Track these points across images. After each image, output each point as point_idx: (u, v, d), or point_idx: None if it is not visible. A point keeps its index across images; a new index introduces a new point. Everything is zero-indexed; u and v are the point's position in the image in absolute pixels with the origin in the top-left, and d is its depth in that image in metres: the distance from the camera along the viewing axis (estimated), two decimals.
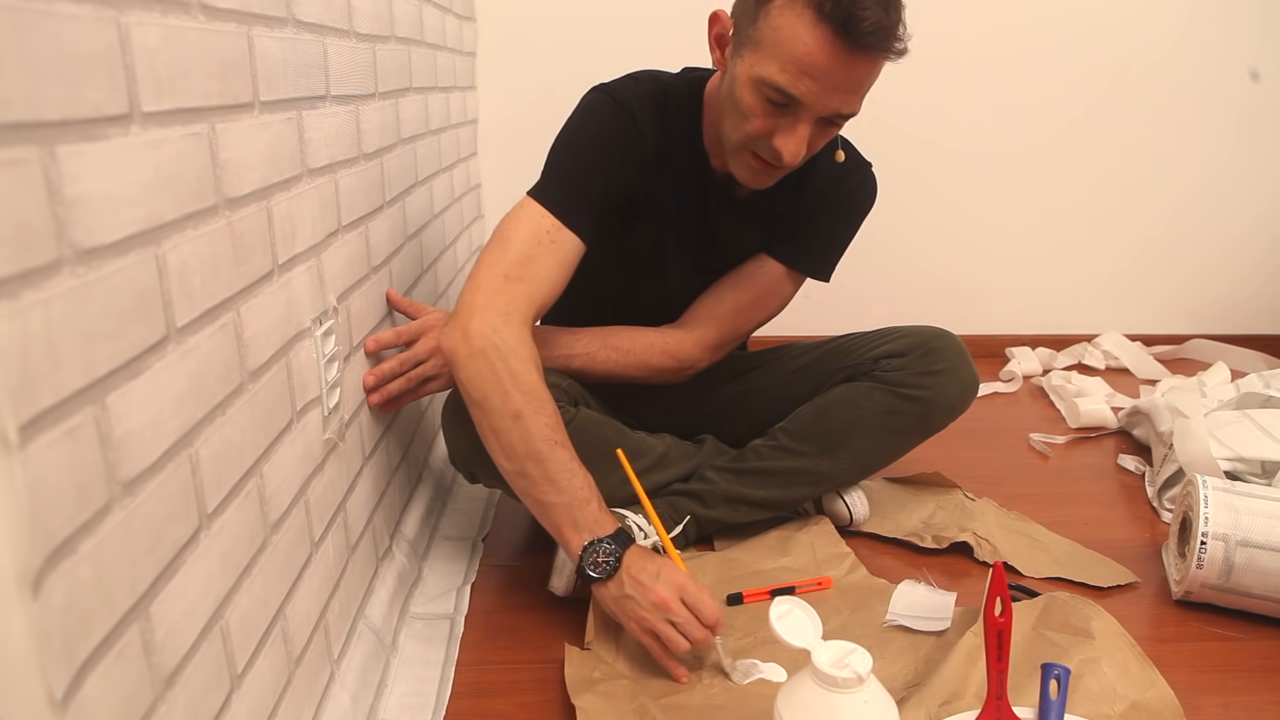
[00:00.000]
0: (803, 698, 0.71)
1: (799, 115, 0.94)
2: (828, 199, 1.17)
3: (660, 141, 1.08)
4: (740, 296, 1.18)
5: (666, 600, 0.90)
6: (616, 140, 1.06)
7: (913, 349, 1.17)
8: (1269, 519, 1.04)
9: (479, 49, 1.87)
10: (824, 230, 1.19)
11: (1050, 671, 0.83)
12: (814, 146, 0.99)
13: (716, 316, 1.18)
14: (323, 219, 0.84)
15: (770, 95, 0.93)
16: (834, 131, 0.99)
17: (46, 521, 0.42)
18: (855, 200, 1.19)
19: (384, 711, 0.90)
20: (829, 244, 1.20)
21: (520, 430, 0.92)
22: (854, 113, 0.96)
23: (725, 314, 1.18)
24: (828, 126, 0.97)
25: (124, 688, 0.49)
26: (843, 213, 1.19)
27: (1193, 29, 1.96)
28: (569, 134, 1.08)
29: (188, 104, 0.57)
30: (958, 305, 2.10)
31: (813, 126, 0.96)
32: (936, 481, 1.38)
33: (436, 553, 1.21)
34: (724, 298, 1.18)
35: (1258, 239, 2.12)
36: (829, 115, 0.94)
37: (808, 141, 0.97)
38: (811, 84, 0.91)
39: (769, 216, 1.17)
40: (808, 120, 0.94)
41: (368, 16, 1.03)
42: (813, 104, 0.92)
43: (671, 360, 1.18)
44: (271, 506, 0.71)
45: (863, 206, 1.20)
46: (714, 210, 1.15)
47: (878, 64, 0.93)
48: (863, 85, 0.94)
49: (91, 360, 0.46)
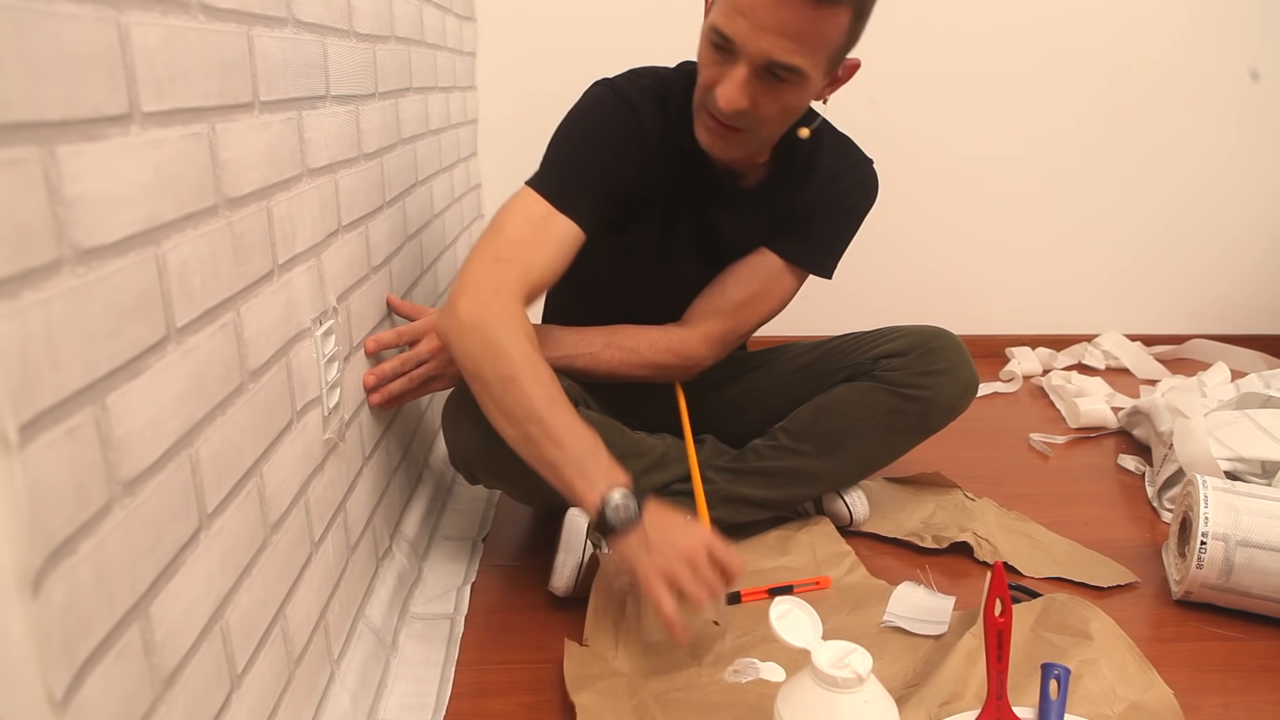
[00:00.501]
0: (803, 698, 0.71)
1: (737, 60, 0.94)
2: (828, 195, 1.17)
3: (660, 134, 1.09)
4: (742, 291, 1.18)
5: (694, 550, 0.88)
6: (616, 132, 1.07)
7: (912, 349, 1.17)
8: (1269, 519, 1.04)
9: (479, 49, 1.87)
10: (825, 226, 1.19)
11: (1050, 671, 0.83)
12: (761, 105, 0.97)
13: (719, 312, 1.18)
14: (323, 219, 0.84)
15: (713, 40, 0.94)
16: (782, 91, 0.96)
17: (46, 521, 0.42)
18: (856, 196, 1.19)
19: (384, 711, 0.90)
20: (829, 240, 1.20)
21: (515, 393, 0.91)
22: (793, 65, 0.93)
23: (728, 309, 1.18)
24: (773, 82, 0.95)
25: (124, 688, 0.49)
26: (843, 209, 1.19)
27: (1193, 29, 1.96)
28: (569, 125, 1.09)
29: (188, 104, 0.57)
30: (958, 305, 2.10)
31: (754, 77, 0.94)
32: (936, 481, 1.38)
33: (436, 553, 1.21)
34: (726, 293, 1.18)
35: (1258, 239, 2.13)
36: (764, 61, 0.92)
37: (750, 95, 0.95)
38: (743, 22, 0.91)
39: (774, 210, 1.17)
40: (746, 66, 0.93)
41: (368, 16, 1.03)
42: (744, 43, 0.92)
43: (676, 358, 1.17)
44: (271, 506, 0.71)
45: (863, 203, 1.20)
46: (716, 203, 1.15)
47: (817, 13, 0.90)
48: (798, 32, 0.91)
49: (91, 360, 0.46)
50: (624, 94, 1.08)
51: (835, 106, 1.25)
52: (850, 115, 1.22)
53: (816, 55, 0.94)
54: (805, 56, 0.93)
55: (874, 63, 1.91)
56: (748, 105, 0.96)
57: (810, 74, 0.95)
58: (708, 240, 1.17)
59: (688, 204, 1.14)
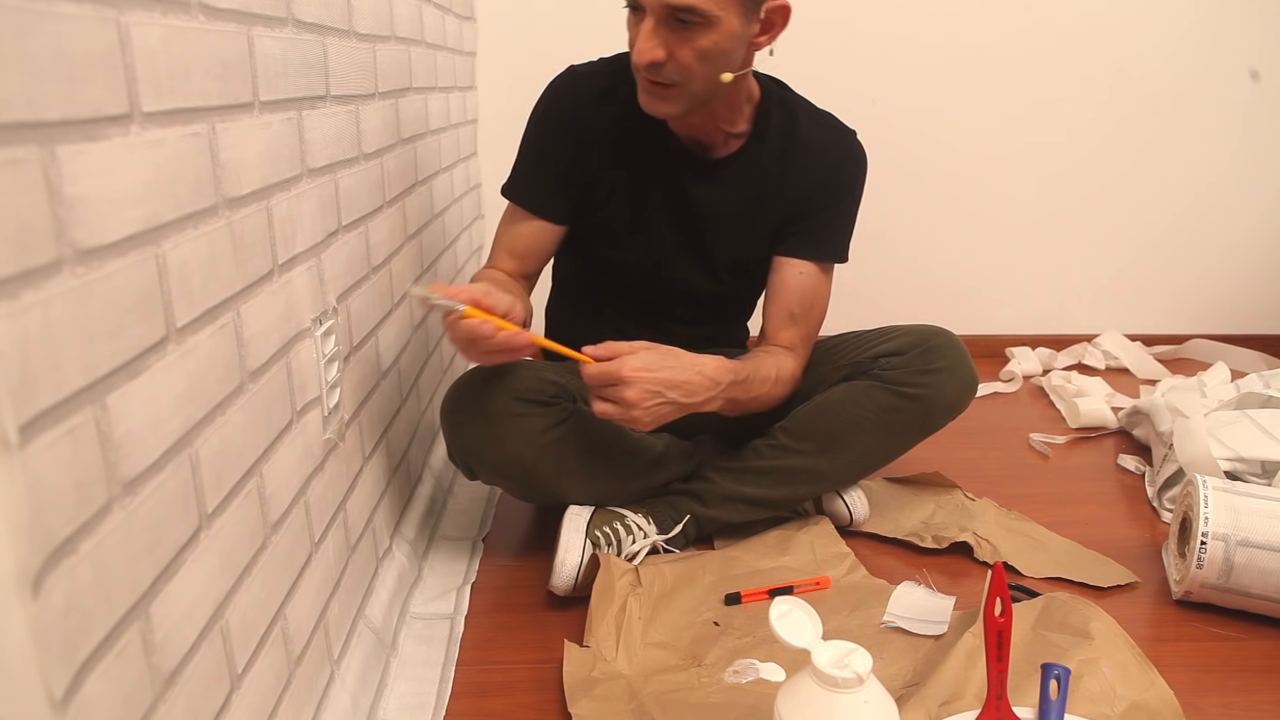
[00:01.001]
0: (803, 698, 0.71)
1: (644, 14, 0.98)
2: (827, 185, 1.18)
3: (615, 113, 1.12)
4: (803, 302, 1.19)
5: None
6: (563, 113, 1.14)
7: (912, 347, 1.17)
8: (1269, 519, 1.04)
9: (479, 49, 1.87)
10: (835, 216, 1.20)
11: (1050, 671, 0.83)
12: (677, 54, 0.99)
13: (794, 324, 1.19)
14: (323, 219, 0.84)
15: (626, 3, 0.99)
16: (694, 35, 0.98)
17: (46, 521, 0.42)
18: (853, 178, 1.21)
19: (384, 711, 0.90)
20: (843, 226, 1.22)
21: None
22: (689, 6, 0.95)
23: (800, 319, 1.19)
24: (680, 27, 0.97)
25: (124, 688, 0.49)
26: (846, 194, 1.20)
27: (1193, 30, 1.96)
28: (528, 123, 1.18)
29: (188, 104, 0.57)
30: (958, 305, 2.10)
31: (661, 26, 0.98)
32: (936, 481, 1.38)
33: (436, 553, 1.21)
34: (792, 308, 1.19)
35: (1258, 239, 2.12)
36: (663, 9, 0.96)
37: (663, 44, 0.98)
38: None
39: (749, 182, 1.17)
40: (652, 18, 0.97)
41: (368, 16, 1.03)
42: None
43: (792, 386, 1.19)
44: (271, 506, 0.71)
45: (860, 178, 1.21)
46: (688, 176, 1.17)
47: None
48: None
49: (91, 360, 0.46)
50: (574, 79, 1.15)
51: (835, 105, 1.25)
52: (850, 115, 1.22)
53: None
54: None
55: (875, 62, 1.93)
56: (663, 55, 0.99)
57: (718, 15, 0.97)
58: (685, 214, 1.19)
59: (655, 178, 1.17)
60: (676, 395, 1.01)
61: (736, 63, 1.05)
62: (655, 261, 1.23)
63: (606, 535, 1.11)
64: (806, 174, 1.17)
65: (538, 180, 1.17)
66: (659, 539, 1.15)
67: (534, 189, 1.18)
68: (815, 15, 1.86)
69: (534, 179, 1.18)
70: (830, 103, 1.24)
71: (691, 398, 1.02)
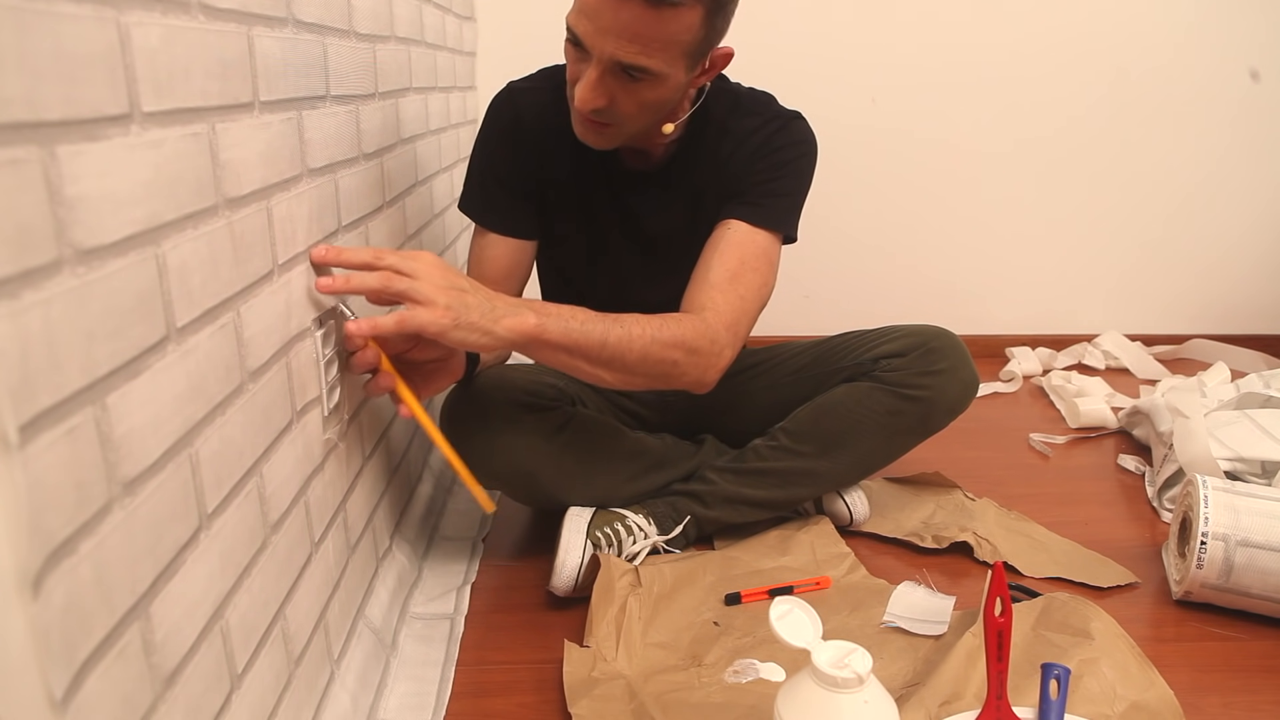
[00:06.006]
0: (803, 698, 0.71)
1: (590, 59, 0.95)
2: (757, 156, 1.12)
3: (552, 127, 1.11)
4: (725, 263, 1.08)
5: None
6: (501, 128, 1.13)
7: (913, 349, 1.17)
8: (1269, 519, 1.04)
9: (479, 49, 1.87)
10: (765, 184, 1.12)
11: (1050, 671, 0.83)
12: (620, 102, 0.97)
13: (714, 285, 1.06)
14: (323, 219, 0.84)
15: (568, 37, 0.96)
16: (638, 90, 0.96)
17: (46, 521, 0.42)
18: (786, 151, 1.13)
19: (384, 711, 0.90)
20: (777, 197, 1.13)
21: None
22: (640, 66, 0.93)
23: (721, 281, 1.06)
24: (628, 80, 0.96)
25: (124, 688, 0.49)
26: (777, 164, 1.13)
27: (1193, 29, 1.96)
28: (475, 142, 1.17)
29: (188, 104, 0.57)
30: (958, 305, 2.10)
31: (607, 75, 0.95)
32: (936, 481, 1.38)
33: (436, 553, 1.21)
34: (711, 269, 1.08)
35: (1258, 239, 2.13)
36: (613, 61, 0.93)
37: (607, 92, 0.96)
38: (588, 23, 0.92)
39: (688, 186, 1.15)
40: (597, 66, 0.95)
41: (368, 16, 1.02)
42: (593, 45, 0.93)
43: (702, 339, 1.02)
44: (271, 506, 0.71)
45: (798, 155, 1.14)
46: (624, 187, 1.15)
47: (657, 16, 0.90)
48: (640, 34, 0.91)
49: (91, 360, 0.46)
50: (512, 95, 1.14)
51: (835, 106, 1.25)
52: (850, 115, 1.22)
53: (668, 54, 0.94)
54: (653, 58, 0.93)
55: (874, 62, 1.93)
56: (605, 103, 0.97)
57: (665, 72, 0.95)
58: (631, 224, 1.18)
59: (596, 189, 1.16)
60: (473, 296, 0.88)
61: (677, 108, 1.05)
62: (625, 286, 1.21)
63: (607, 536, 1.11)
64: (736, 156, 1.13)
65: (495, 199, 1.14)
66: (659, 539, 1.15)
67: (494, 209, 1.15)
68: (815, 15, 1.87)
69: (492, 199, 1.15)
70: (830, 103, 1.24)
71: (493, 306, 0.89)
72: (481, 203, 1.16)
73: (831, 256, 2.03)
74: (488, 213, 1.16)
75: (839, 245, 2.03)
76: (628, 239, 1.19)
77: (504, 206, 1.15)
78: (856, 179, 1.97)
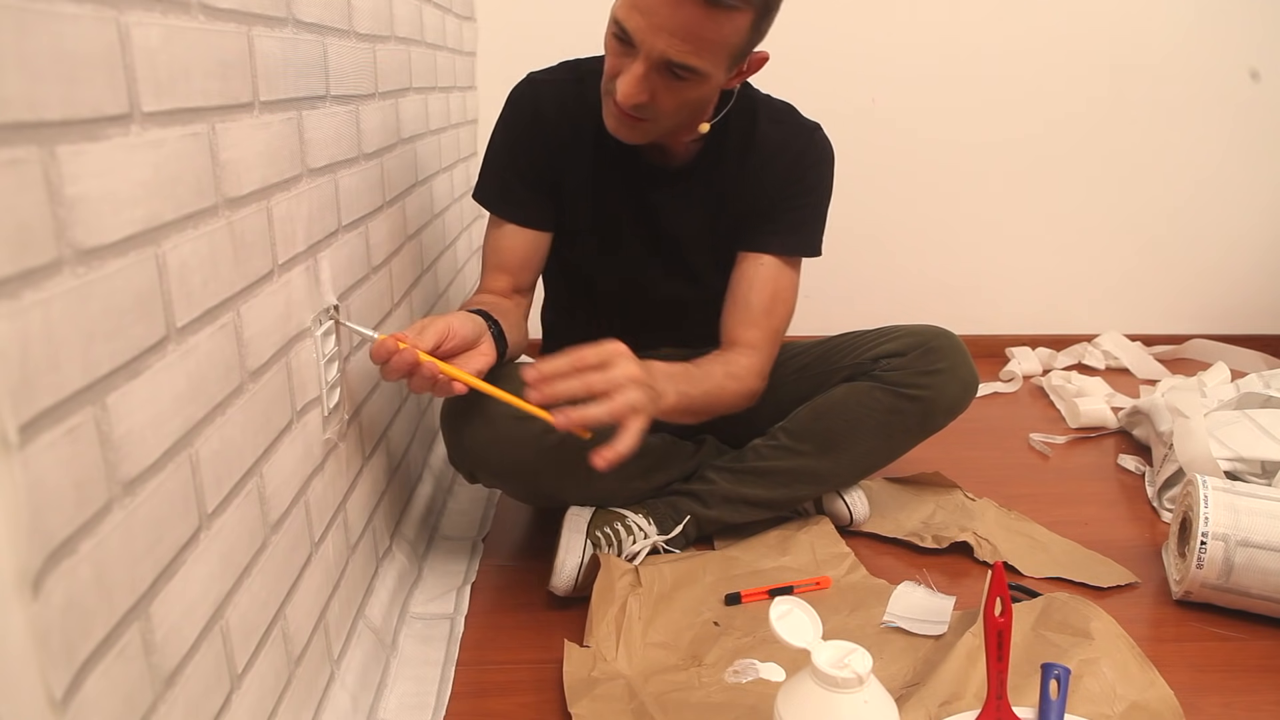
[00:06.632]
0: (803, 698, 0.71)
1: (636, 55, 0.95)
2: (787, 179, 1.15)
3: (574, 120, 1.11)
4: (760, 297, 1.15)
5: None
6: (520, 119, 1.14)
7: (912, 348, 1.17)
8: (1269, 519, 1.04)
9: (479, 49, 1.87)
10: (798, 210, 1.16)
11: (1050, 671, 0.83)
12: (660, 99, 0.98)
13: (752, 321, 1.14)
14: (322, 219, 0.84)
15: (615, 31, 0.96)
16: (684, 89, 0.97)
17: (46, 521, 0.42)
18: (815, 171, 1.16)
19: (384, 711, 0.90)
20: (809, 221, 1.17)
21: None
22: (689, 65, 0.93)
23: (759, 317, 1.14)
24: (672, 79, 0.96)
25: (124, 688, 0.49)
26: (808, 188, 1.16)
27: (1193, 29, 1.96)
28: (494, 131, 1.17)
29: (188, 104, 0.57)
30: (958, 305, 2.10)
31: (652, 73, 0.95)
32: (936, 481, 1.38)
33: (436, 553, 1.21)
34: (749, 303, 1.15)
35: (1258, 239, 2.13)
36: (662, 59, 0.93)
37: (649, 89, 0.96)
38: (640, 19, 0.92)
39: (710, 188, 1.16)
40: (644, 62, 0.94)
41: (368, 16, 1.03)
42: (642, 40, 0.93)
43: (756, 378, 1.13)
44: (271, 506, 0.71)
45: (825, 173, 1.17)
46: (648, 185, 1.16)
47: (712, 16, 0.90)
48: (694, 34, 0.91)
49: (91, 360, 0.46)
50: (533, 86, 1.14)
51: (835, 105, 1.25)
52: (850, 114, 1.22)
53: (715, 55, 0.95)
54: (703, 58, 0.94)
55: (874, 61, 1.93)
56: (647, 99, 0.98)
57: (710, 73, 0.96)
58: (647, 220, 1.18)
59: (618, 185, 1.16)
60: (652, 389, 0.94)
61: (711, 108, 1.06)
62: (636, 280, 1.22)
63: (607, 536, 1.11)
64: (765, 171, 1.15)
65: (513, 190, 1.15)
66: (659, 539, 1.15)
67: (511, 199, 1.15)
68: (815, 15, 1.87)
69: (509, 189, 1.15)
70: (830, 103, 1.24)
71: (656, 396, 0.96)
72: (499, 194, 1.16)
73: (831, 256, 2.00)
74: (505, 204, 1.16)
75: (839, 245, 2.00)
76: (642, 234, 1.19)
77: (521, 198, 1.15)
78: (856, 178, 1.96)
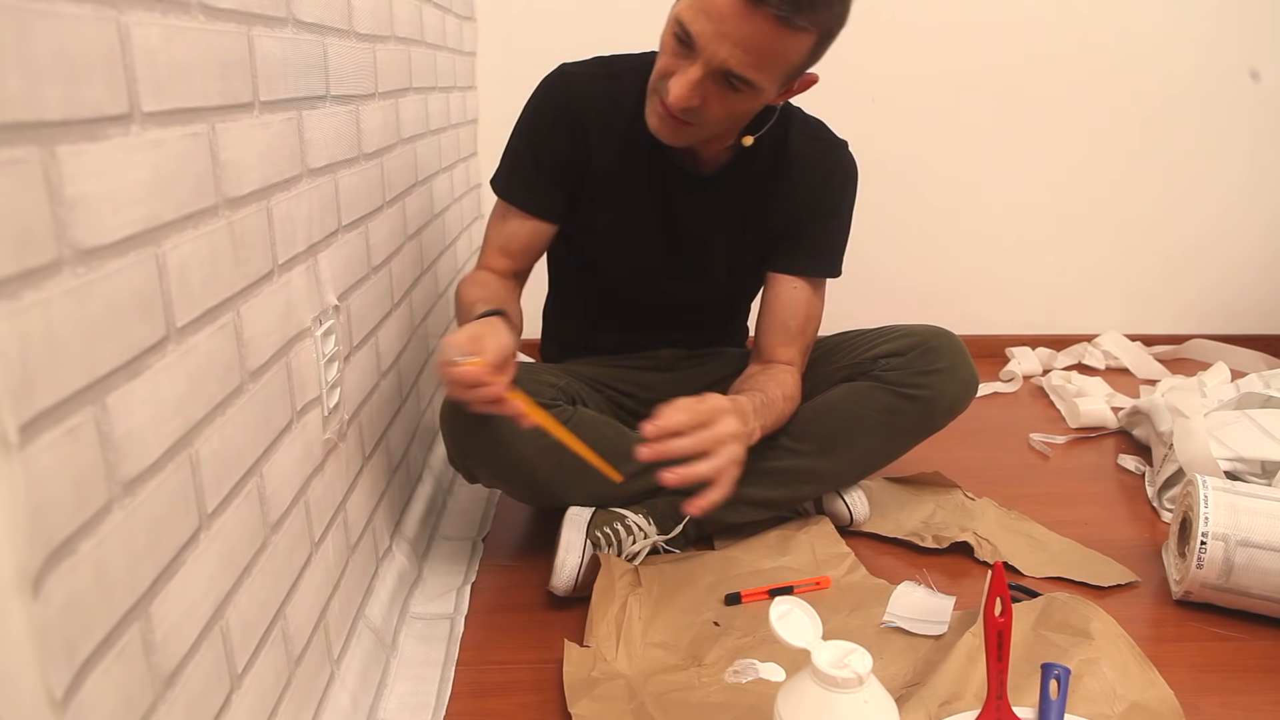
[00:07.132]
0: (803, 698, 0.71)
1: (695, 58, 0.94)
2: (818, 199, 1.16)
3: (607, 118, 1.11)
4: (797, 319, 1.18)
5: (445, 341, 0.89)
6: (550, 112, 1.13)
7: (912, 348, 1.17)
8: (1269, 519, 1.04)
9: (479, 49, 1.87)
10: (828, 231, 1.19)
11: (1050, 671, 0.83)
12: (710, 106, 0.97)
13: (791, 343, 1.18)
14: (323, 219, 0.84)
15: (676, 31, 0.95)
16: (735, 100, 0.97)
17: (46, 521, 0.42)
18: (844, 192, 1.19)
19: (384, 711, 0.90)
20: (836, 241, 1.20)
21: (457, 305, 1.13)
22: (748, 78, 0.93)
23: (795, 337, 1.18)
24: (726, 89, 0.95)
25: (124, 688, 0.49)
26: (838, 209, 1.19)
27: (1193, 29, 1.96)
28: (519, 118, 1.17)
29: (188, 104, 0.57)
30: (958, 305, 2.10)
31: (708, 79, 0.95)
32: (936, 481, 1.38)
33: (436, 553, 1.21)
34: (788, 326, 1.18)
35: (1258, 239, 2.13)
36: (722, 67, 0.93)
37: (702, 94, 0.96)
38: (707, 24, 0.91)
39: (739, 197, 1.16)
40: (702, 67, 0.94)
41: (368, 16, 1.03)
42: (705, 46, 0.92)
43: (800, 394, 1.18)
44: (271, 506, 0.71)
45: (851, 192, 1.19)
46: (677, 188, 1.15)
47: (780, 33, 0.90)
48: (760, 47, 0.91)
49: (91, 360, 0.46)
50: (566, 78, 1.14)
51: (836, 105, 1.25)
52: (850, 114, 1.22)
53: (774, 71, 0.95)
54: (763, 72, 0.94)
55: (874, 61, 1.93)
56: (698, 104, 0.97)
57: (765, 87, 0.96)
58: (672, 222, 1.18)
59: (644, 186, 1.15)
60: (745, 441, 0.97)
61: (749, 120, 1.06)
62: (651, 279, 1.22)
63: (607, 536, 1.11)
64: (797, 188, 1.16)
65: (530, 179, 1.16)
66: (659, 539, 1.15)
67: (527, 188, 1.16)
68: None
69: (526, 178, 1.16)
70: (830, 103, 1.24)
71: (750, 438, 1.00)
72: (519, 183, 1.16)
73: None
74: (523, 193, 1.16)
75: None
76: (665, 235, 1.19)
77: (541, 189, 1.15)
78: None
